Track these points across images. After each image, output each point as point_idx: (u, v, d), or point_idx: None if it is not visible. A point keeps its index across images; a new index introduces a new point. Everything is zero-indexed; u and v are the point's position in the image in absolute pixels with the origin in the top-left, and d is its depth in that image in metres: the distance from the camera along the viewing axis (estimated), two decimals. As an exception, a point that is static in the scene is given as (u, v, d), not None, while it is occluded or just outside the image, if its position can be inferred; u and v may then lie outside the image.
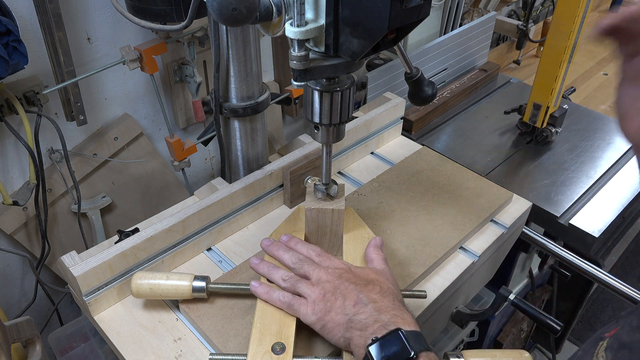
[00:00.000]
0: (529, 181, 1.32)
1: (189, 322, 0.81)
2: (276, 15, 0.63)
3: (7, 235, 1.14)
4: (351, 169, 1.15)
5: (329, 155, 0.80)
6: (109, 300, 0.83)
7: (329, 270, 0.73)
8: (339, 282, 0.70)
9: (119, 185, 1.26)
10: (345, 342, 0.67)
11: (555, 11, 1.22)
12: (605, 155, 1.40)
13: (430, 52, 1.52)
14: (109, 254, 0.79)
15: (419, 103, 0.93)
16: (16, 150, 1.09)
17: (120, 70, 1.16)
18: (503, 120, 1.52)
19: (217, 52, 0.92)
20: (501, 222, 1.02)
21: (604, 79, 1.90)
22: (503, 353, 0.70)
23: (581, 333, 2.24)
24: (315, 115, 0.74)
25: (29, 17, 0.98)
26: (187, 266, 0.92)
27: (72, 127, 1.13)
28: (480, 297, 1.33)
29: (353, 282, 0.70)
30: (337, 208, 0.83)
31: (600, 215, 1.23)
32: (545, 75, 1.31)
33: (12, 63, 0.86)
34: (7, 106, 0.99)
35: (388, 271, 0.75)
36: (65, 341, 1.06)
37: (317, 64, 0.66)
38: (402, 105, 1.19)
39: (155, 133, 1.32)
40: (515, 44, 1.94)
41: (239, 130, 1.02)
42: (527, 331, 1.79)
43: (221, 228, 0.94)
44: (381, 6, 0.57)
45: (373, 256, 0.78)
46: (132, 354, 0.77)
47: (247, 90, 0.97)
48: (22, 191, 1.08)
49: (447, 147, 1.43)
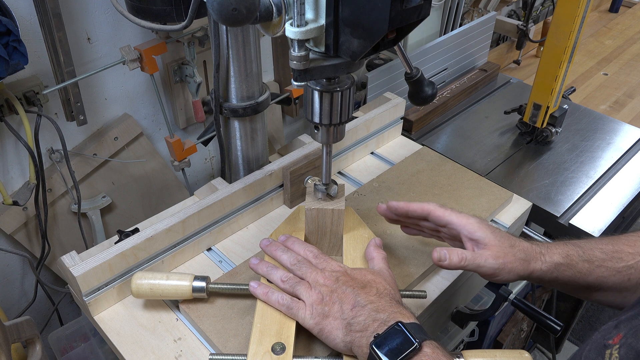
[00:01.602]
0: (529, 181, 1.32)
1: (189, 322, 0.81)
2: (276, 15, 0.63)
3: (7, 235, 1.14)
4: (351, 169, 1.15)
5: (329, 155, 0.80)
6: (109, 300, 0.83)
7: (326, 273, 0.73)
8: (335, 285, 0.70)
9: (119, 185, 1.26)
10: (346, 346, 0.67)
11: (555, 11, 1.22)
12: (605, 155, 1.40)
13: (430, 52, 1.52)
14: (109, 254, 0.79)
15: (419, 103, 0.93)
16: (16, 150, 1.09)
17: (120, 70, 1.16)
18: (503, 120, 1.52)
19: (217, 52, 0.92)
20: (501, 222, 1.02)
21: (604, 79, 1.90)
22: (503, 353, 0.70)
23: (581, 333, 2.24)
24: (315, 115, 0.74)
25: (29, 17, 0.98)
26: (187, 266, 0.92)
27: (72, 127, 1.13)
28: (480, 297, 1.33)
29: (350, 285, 0.70)
30: (337, 208, 0.83)
31: (600, 215, 1.23)
32: (545, 75, 1.31)
33: (12, 63, 0.86)
34: (7, 106, 0.99)
35: (386, 271, 0.76)
36: (65, 341, 1.06)
37: (317, 64, 0.66)
38: (402, 105, 1.19)
39: (155, 133, 1.32)
40: (515, 44, 1.94)
41: (239, 130, 1.02)
42: (527, 331, 1.79)
43: (221, 228, 0.94)
44: (381, 6, 0.57)
45: (374, 255, 0.78)
46: (132, 354, 0.77)
47: (247, 90, 0.97)
48: (22, 191, 1.08)
49: (447, 147, 1.43)
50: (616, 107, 1.73)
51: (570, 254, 0.71)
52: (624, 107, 1.73)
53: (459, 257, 0.70)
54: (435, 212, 0.76)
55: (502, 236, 0.72)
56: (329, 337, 0.68)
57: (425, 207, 0.77)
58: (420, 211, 0.77)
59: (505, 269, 0.70)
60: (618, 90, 1.82)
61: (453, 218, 0.74)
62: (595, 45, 2.12)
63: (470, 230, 0.72)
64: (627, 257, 0.71)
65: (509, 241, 0.72)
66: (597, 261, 0.71)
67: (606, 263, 0.71)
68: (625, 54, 2.06)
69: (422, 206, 0.77)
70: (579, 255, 0.72)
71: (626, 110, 1.71)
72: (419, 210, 0.77)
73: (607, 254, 0.71)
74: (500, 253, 0.70)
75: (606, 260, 0.71)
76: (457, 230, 0.74)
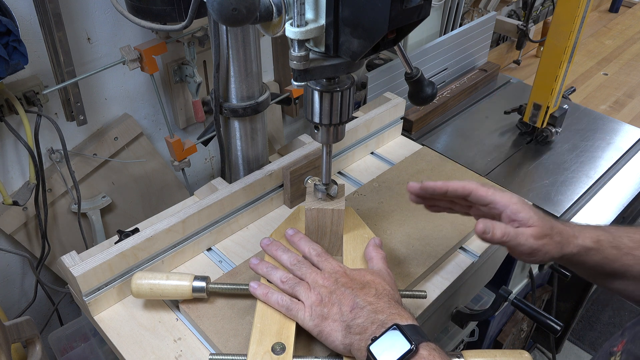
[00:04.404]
0: (529, 181, 1.32)
1: (189, 322, 0.81)
2: (276, 15, 0.63)
3: (7, 235, 1.14)
4: (351, 169, 1.15)
5: (329, 155, 0.80)
6: (109, 300, 0.83)
7: (325, 274, 0.73)
8: (335, 286, 0.71)
9: (119, 185, 1.26)
10: (345, 348, 0.67)
11: (555, 11, 1.22)
12: (605, 155, 1.40)
13: (430, 52, 1.52)
14: (109, 254, 0.79)
15: (419, 103, 0.93)
16: (16, 150, 1.09)
17: (120, 70, 1.16)
18: (503, 120, 1.52)
19: (217, 52, 0.92)
20: (501, 222, 1.02)
21: (604, 79, 1.90)
22: (503, 353, 0.70)
23: (581, 333, 2.24)
24: (315, 115, 0.74)
25: (29, 17, 0.98)
26: (187, 266, 0.92)
27: (72, 127, 1.13)
28: (480, 297, 1.33)
29: (349, 286, 0.70)
30: (337, 208, 0.83)
31: (600, 215, 1.23)
32: (545, 75, 1.31)
33: (12, 63, 0.86)
34: (7, 106, 0.99)
35: (385, 271, 0.76)
36: (65, 341, 1.06)
37: (317, 64, 0.66)
38: (402, 105, 1.19)
39: (155, 133, 1.32)
40: (515, 44, 1.94)
41: (239, 130, 1.02)
42: (527, 331, 1.79)
43: (221, 228, 0.94)
44: (381, 6, 0.57)
45: (373, 254, 0.78)
46: (132, 354, 0.77)
47: (247, 90, 0.97)
48: (22, 191, 1.08)
49: (447, 147, 1.43)
50: (616, 107, 1.73)
51: (601, 239, 0.72)
52: (624, 107, 1.73)
53: (502, 231, 0.69)
54: (478, 192, 0.74)
55: (544, 218, 0.72)
56: (329, 339, 0.69)
57: (467, 186, 0.75)
58: (461, 190, 0.75)
59: (542, 250, 0.70)
60: (618, 90, 1.82)
61: (497, 197, 0.73)
62: (595, 45, 2.12)
63: (514, 210, 0.71)
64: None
65: (549, 223, 0.72)
66: (625, 248, 0.71)
67: (634, 251, 0.71)
68: (625, 54, 2.06)
69: (463, 185, 0.75)
70: (608, 240, 0.72)
71: (626, 110, 1.71)
72: (460, 189, 0.75)
73: (635, 242, 0.72)
74: (541, 234, 0.70)
75: (634, 248, 0.71)
76: (500, 209, 0.73)
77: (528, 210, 0.71)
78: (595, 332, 2.25)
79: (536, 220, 0.70)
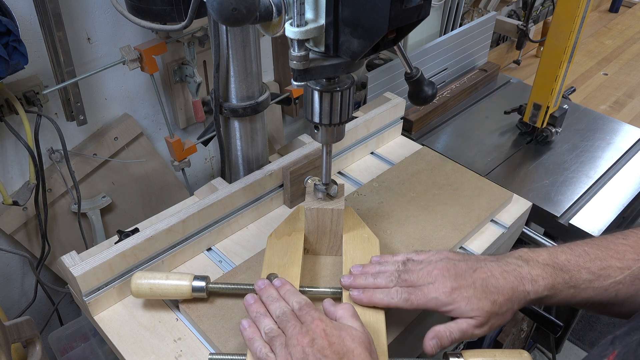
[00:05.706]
0: (529, 181, 1.32)
1: (189, 322, 0.81)
2: (276, 15, 0.63)
3: (7, 235, 1.14)
4: (351, 169, 1.15)
5: (329, 155, 0.80)
6: (109, 300, 0.83)
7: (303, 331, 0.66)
8: (309, 350, 0.64)
9: (119, 185, 1.27)
10: None
11: (555, 11, 1.22)
12: (605, 155, 1.40)
13: (430, 52, 1.52)
14: (109, 254, 0.79)
15: (419, 103, 0.93)
16: (16, 150, 1.09)
17: (120, 70, 1.16)
18: (503, 120, 1.52)
19: (217, 52, 0.92)
20: (501, 222, 1.02)
21: (604, 79, 1.90)
22: (503, 353, 0.70)
23: (581, 333, 2.24)
24: (315, 115, 0.74)
25: (29, 17, 0.98)
26: (187, 266, 0.92)
27: (72, 127, 1.13)
28: (480, 297, 1.33)
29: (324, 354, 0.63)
30: (337, 208, 0.83)
31: (600, 215, 1.23)
32: (545, 75, 1.31)
33: (12, 63, 0.86)
34: (7, 106, 0.99)
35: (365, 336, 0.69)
36: (65, 341, 1.06)
37: (317, 64, 0.66)
38: (402, 105, 1.19)
39: (155, 133, 1.32)
40: (515, 44, 1.94)
41: (239, 130, 1.02)
42: (527, 331, 1.79)
43: (221, 228, 0.94)
44: (381, 6, 0.57)
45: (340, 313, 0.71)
46: (132, 354, 0.77)
47: (247, 90, 0.97)
48: (22, 191, 1.08)
49: (447, 147, 1.43)
50: (616, 107, 1.73)
51: (556, 285, 0.71)
52: (624, 107, 1.73)
53: (449, 340, 0.70)
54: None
55: (480, 298, 0.71)
56: None
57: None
58: None
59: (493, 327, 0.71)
60: (618, 90, 1.82)
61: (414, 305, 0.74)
62: (595, 45, 2.12)
63: (446, 310, 0.73)
64: (615, 273, 0.70)
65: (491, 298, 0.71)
66: (583, 284, 0.71)
67: (593, 284, 0.71)
68: (625, 54, 2.06)
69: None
70: (565, 281, 0.71)
71: (626, 110, 1.71)
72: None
73: (594, 274, 0.71)
74: (482, 322, 0.70)
75: (593, 281, 0.71)
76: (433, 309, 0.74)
77: (459, 302, 0.71)
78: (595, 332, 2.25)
79: (474, 308, 0.70)
